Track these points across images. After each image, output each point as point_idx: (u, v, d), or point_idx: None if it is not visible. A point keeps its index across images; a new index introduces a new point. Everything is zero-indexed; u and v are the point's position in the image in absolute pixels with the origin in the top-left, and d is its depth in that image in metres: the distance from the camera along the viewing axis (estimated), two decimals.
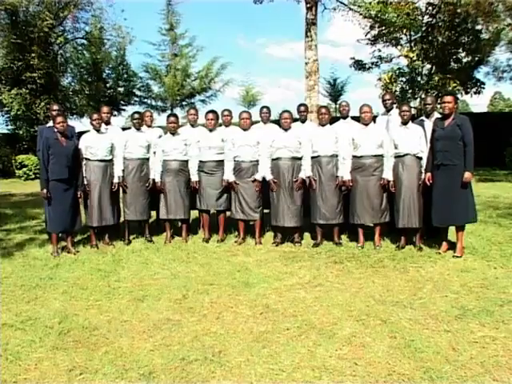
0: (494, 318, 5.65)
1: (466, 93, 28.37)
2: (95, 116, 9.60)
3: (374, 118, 9.50)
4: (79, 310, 6.18)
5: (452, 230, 8.75)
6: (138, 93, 39.16)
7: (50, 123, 9.65)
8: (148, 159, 9.91)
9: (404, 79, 28.35)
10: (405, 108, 9.03)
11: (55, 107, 9.66)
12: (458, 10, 25.10)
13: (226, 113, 10.50)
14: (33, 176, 27.26)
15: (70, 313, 6.05)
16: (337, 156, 9.18)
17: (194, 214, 10.64)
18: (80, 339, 5.30)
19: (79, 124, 35.27)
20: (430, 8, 26.96)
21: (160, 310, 6.12)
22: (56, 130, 8.87)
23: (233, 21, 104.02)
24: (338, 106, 17.43)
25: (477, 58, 28.99)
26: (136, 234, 10.28)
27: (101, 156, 9.42)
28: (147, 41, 38.99)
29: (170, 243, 9.78)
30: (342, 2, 24.06)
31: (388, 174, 8.89)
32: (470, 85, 28.30)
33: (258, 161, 9.47)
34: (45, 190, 8.81)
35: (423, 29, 27.15)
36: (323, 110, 9.57)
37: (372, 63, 30.59)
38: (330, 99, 49.73)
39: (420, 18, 26.46)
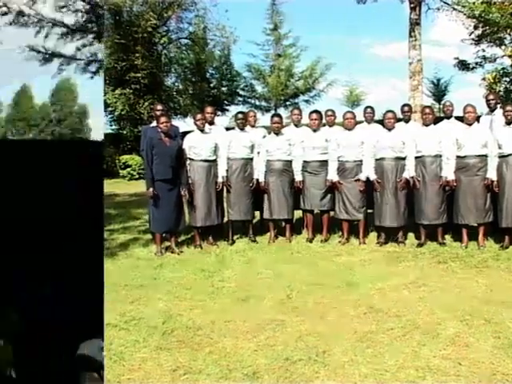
0: None
1: None
2: (199, 116, 9.66)
3: (477, 118, 9.38)
4: (183, 310, 6.23)
5: None
6: (241, 93, 39.59)
7: (154, 123, 9.79)
8: (252, 159, 9.88)
9: (508, 79, 27.82)
10: (509, 108, 8.84)
11: (159, 107, 9.84)
12: None
13: (329, 113, 10.49)
14: (137, 176, 27.25)
15: (173, 313, 6.10)
16: (440, 156, 9.03)
17: (298, 213, 10.59)
18: (184, 339, 5.33)
19: (183, 124, 35.47)
20: None
21: (264, 310, 6.12)
22: (160, 130, 8.97)
23: (337, 20, 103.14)
24: (441, 106, 17.17)
25: None
26: (240, 234, 10.27)
27: (205, 156, 9.47)
28: (251, 41, 39.13)
29: (274, 243, 9.77)
30: (445, 2, 23.96)
31: (492, 174, 8.71)
32: None
33: (361, 161, 9.37)
34: (151, 189, 8.90)
35: None
36: (427, 110, 9.58)
37: (476, 63, 30.11)
38: (434, 99, 48.97)
39: None
